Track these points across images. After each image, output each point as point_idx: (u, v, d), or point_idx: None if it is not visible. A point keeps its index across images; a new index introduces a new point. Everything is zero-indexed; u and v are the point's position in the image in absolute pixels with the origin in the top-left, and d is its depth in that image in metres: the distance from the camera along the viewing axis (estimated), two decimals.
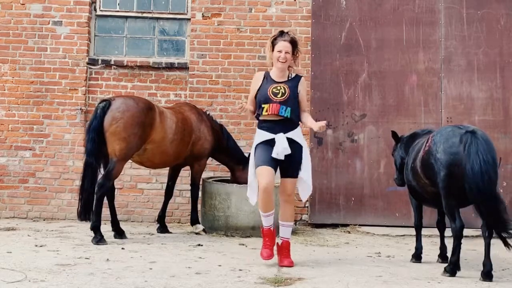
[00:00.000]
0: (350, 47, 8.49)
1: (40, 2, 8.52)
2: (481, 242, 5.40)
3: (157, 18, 8.74)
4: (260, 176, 5.57)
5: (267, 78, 5.75)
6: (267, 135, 5.63)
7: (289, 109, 5.60)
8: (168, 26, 8.79)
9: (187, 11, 8.70)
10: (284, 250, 5.70)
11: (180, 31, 8.77)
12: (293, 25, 8.50)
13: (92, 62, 8.53)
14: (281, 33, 5.75)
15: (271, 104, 5.59)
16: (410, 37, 8.46)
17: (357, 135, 8.41)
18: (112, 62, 8.53)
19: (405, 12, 8.50)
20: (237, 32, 8.53)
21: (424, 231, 6.29)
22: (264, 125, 5.68)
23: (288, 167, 5.61)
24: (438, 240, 6.22)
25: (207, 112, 7.89)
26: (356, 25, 8.51)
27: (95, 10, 8.67)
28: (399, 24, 8.49)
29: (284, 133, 5.59)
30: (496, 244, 5.39)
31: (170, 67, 8.55)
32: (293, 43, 5.69)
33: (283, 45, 5.66)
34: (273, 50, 5.71)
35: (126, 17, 8.74)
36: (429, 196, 5.78)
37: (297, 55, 5.75)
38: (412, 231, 6.35)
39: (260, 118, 5.72)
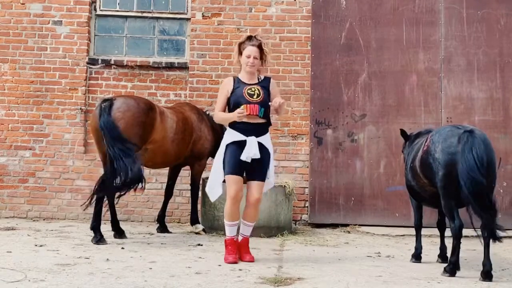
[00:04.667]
0: (350, 47, 8.49)
1: (40, 2, 8.52)
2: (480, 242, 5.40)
3: (157, 18, 8.74)
4: (228, 185, 5.69)
5: (237, 81, 5.82)
6: (239, 136, 5.68)
7: (263, 109, 5.72)
8: (168, 25, 8.79)
9: (187, 11, 8.70)
10: (244, 246, 5.80)
11: (180, 31, 8.77)
12: (293, 25, 8.51)
13: (92, 61, 8.53)
14: (249, 38, 5.81)
15: (249, 105, 5.67)
16: (410, 37, 8.46)
17: (357, 135, 8.41)
18: (112, 62, 8.53)
19: (405, 12, 8.51)
20: (237, 32, 8.52)
21: (424, 231, 6.29)
22: (238, 125, 5.70)
23: (256, 171, 5.69)
24: (438, 240, 6.22)
25: (207, 112, 7.89)
26: (356, 25, 8.51)
27: (95, 9, 8.67)
28: (399, 24, 8.49)
29: (256, 137, 5.66)
30: (496, 244, 5.38)
31: (170, 66, 8.56)
32: (261, 47, 5.75)
33: (251, 50, 5.73)
34: (240, 54, 5.79)
35: (126, 16, 8.74)
36: (428, 196, 5.78)
37: (265, 58, 5.80)
38: (412, 231, 6.35)
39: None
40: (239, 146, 5.65)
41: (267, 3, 8.55)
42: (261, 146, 5.68)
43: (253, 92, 5.71)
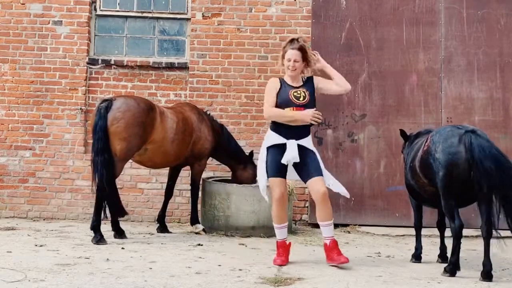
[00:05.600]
0: (350, 47, 8.49)
1: (40, 2, 8.51)
2: (481, 242, 5.41)
3: (157, 18, 8.74)
4: (272, 188, 5.69)
5: (283, 83, 5.79)
6: (279, 139, 5.66)
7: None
8: (168, 26, 8.79)
9: (187, 11, 8.70)
10: (334, 249, 5.63)
11: (180, 31, 8.77)
12: (293, 25, 8.51)
13: (92, 61, 8.53)
14: (291, 41, 5.79)
15: (294, 108, 5.65)
16: (410, 37, 8.46)
17: (357, 135, 8.41)
18: (112, 62, 8.53)
19: (405, 12, 8.50)
20: (237, 32, 8.53)
21: (424, 231, 6.29)
22: (278, 128, 5.70)
23: (307, 169, 5.64)
24: (438, 240, 6.22)
25: (208, 112, 7.89)
26: (356, 25, 8.51)
27: (95, 9, 8.67)
28: (399, 24, 8.49)
29: (296, 140, 5.63)
30: (496, 244, 5.38)
31: (170, 67, 8.55)
32: (302, 50, 5.72)
33: (291, 53, 5.73)
34: (284, 57, 5.79)
35: (126, 17, 8.74)
36: (428, 196, 5.79)
37: (308, 60, 5.77)
38: (412, 231, 6.35)
39: (278, 121, 5.73)
40: (280, 148, 5.63)
41: (267, 3, 8.55)
42: (303, 148, 5.64)
43: (299, 95, 5.70)
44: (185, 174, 7.92)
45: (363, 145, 8.41)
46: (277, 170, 5.65)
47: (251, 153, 7.78)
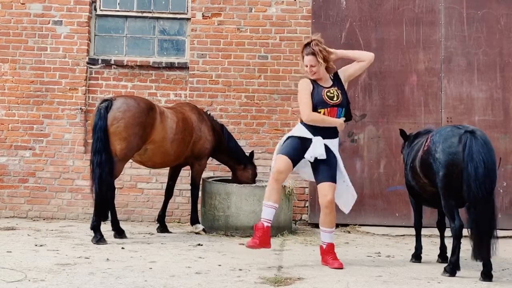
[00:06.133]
0: (350, 47, 8.43)
1: (40, 2, 8.52)
2: None
3: (157, 18, 8.74)
4: (275, 163, 5.61)
5: (315, 84, 5.73)
6: (306, 133, 5.61)
7: (343, 109, 5.71)
8: (168, 25, 8.79)
9: (187, 11, 8.70)
10: (329, 253, 5.63)
11: (180, 31, 8.77)
12: (293, 25, 8.51)
13: (92, 61, 8.53)
14: (305, 46, 5.72)
15: (328, 109, 5.62)
16: (410, 37, 8.46)
17: (357, 135, 8.41)
18: (112, 62, 8.53)
19: (405, 12, 8.51)
20: (237, 32, 8.53)
21: (424, 231, 6.29)
22: (308, 124, 5.65)
23: (323, 172, 5.58)
24: (438, 240, 6.22)
25: (208, 112, 7.89)
26: (356, 25, 8.51)
27: (95, 9, 8.67)
28: (399, 24, 8.49)
29: (323, 138, 5.59)
30: (496, 244, 5.38)
31: (170, 66, 8.56)
32: (315, 54, 5.62)
33: (306, 60, 5.68)
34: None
35: (126, 16, 8.74)
36: (428, 196, 5.79)
37: (325, 61, 5.68)
38: (412, 231, 6.35)
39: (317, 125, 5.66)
40: (302, 142, 5.58)
41: (267, 3, 8.55)
42: (327, 149, 5.58)
43: (332, 95, 5.67)
44: (185, 174, 7.92)
45: (363, 145, 8.41)
46: (289, 151, 5.56)
47: (252, 154, 7.79)
